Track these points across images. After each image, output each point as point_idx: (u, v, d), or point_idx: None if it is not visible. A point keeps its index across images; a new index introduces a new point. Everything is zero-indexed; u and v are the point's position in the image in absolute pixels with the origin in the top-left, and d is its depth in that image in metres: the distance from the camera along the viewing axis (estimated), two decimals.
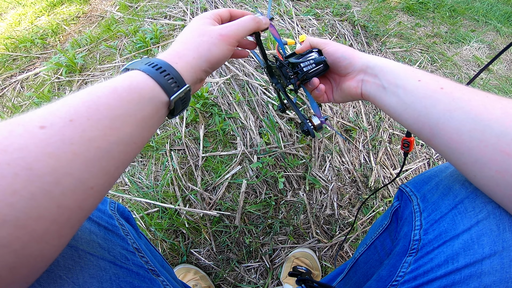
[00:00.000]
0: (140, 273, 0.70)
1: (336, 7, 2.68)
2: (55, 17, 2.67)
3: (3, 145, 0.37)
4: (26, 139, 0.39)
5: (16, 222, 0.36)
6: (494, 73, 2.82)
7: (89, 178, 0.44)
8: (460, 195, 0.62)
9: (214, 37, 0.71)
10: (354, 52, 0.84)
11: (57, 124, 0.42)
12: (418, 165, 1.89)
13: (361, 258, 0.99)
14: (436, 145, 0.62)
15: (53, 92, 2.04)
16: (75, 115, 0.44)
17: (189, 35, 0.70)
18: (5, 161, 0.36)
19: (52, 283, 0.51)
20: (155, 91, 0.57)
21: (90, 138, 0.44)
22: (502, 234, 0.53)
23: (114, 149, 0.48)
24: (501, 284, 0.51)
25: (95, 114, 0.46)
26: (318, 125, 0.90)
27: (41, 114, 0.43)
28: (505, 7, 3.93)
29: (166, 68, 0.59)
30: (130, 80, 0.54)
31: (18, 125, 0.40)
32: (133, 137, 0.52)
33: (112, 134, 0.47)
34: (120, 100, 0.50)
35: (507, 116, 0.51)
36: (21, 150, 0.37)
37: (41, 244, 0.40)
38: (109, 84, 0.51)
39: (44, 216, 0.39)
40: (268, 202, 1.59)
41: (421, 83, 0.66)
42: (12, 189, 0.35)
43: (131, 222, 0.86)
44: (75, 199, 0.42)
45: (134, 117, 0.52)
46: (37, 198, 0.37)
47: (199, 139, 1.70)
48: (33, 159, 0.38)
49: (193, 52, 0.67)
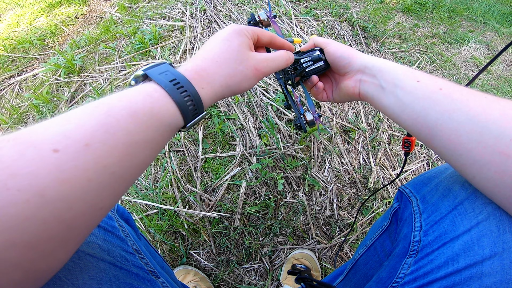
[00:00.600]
0: (140, 275, 0.70)
1: (335, 8, 2.68)
2: (54, 18, 2.67)
3: (13, 169, 0.35)
4: (37, 164, 0.37)
5: (27, 244, 0.36)
6: (493, 73, 2.83)
7: (100, 201, 0.44)
8: (460, 196, 0.62)
9: (249, 70, 0.67)
10: (353, 52, 0.85)
11: (72, 148, 0.40)
12: (417, 166, 1.89)
13: (361, 259, 0.98)
14: (435, 146, 0.62)
15: (51, 93, 2.04)
16: (91, 140, 0.42)
17: (225, 55, 0.64)
18: (15, 187, 0.34)
19: (52, 284, 0.51)
20: (174, 116, 0.54)
21: (105, 164, 0.43)
22: (502, 235, 0.53)
23: (127, 173, 0.47)
24: (502, 285, 0.51)
25: (112, 139, 0.44)
26: (311, 121, 0.92)
27: (54, 135, 0.40)
28: (503, 7, 3.93)
29: (191, 93, 0.55)
30: (152, 103, 0.50)
31: (29, 147, 0.38)
32: (145, 161, 0.50)
33: (127, 160, 0.46)
34: (140, 125, 0.47)
35: (505, 117, 0.51)
36: (32, 175, 0.36)
37: (49, 260, 0.40)
38: (129, 106, 0.48)
39: (53, 237, 0.38)
40: (267, 204, 1.59)
41: (420, 84, 0.66)
42: (24, 215, 0.35)
43: (130, 223, 0.86)
44: (84, 221, 0.42)
45: (150, 142, 0.50)
46: (48, 222, 0.37)
47: (198, 141, 1.70)
48: (45, 185, 0.36)
49: (224, 80, 0.63)
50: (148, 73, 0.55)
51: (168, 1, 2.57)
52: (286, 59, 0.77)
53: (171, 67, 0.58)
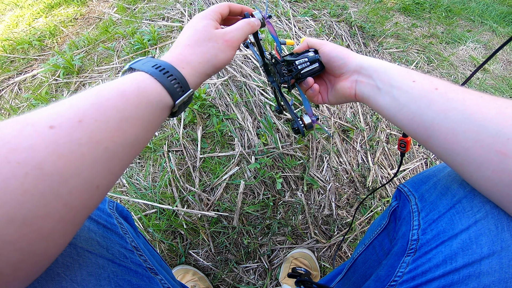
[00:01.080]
0: (138, 271, 0.70)
1: (333, 8, 2.69)
2: (53, 19, 2.67)
3: (13, 144, 0.37)
4: (35, 139, 0.39)
5: (24, 220, 0.36)
6: (491, 73, 2.83)
7: (96, 178, 0.45)
8: (458, 194, 0.62)
9: (220, 43, 0.72)
10: (348, 52, 0.85)
11: (66, 125, 0.42)
12: (415, 165, 1.90)
13: (360, 258, 0.99)
14: (431, 146, 0.62)
15: (50, 94, 2.04)
16: (83, 117, 0.44)
17: (195, 38, 0.70)
18: (15, 160, 0.36)
19: (50, 280, 0.51)
20: (161, 95, 0.57)
21: (98, 139, 0.44)
22: (501, 234, 0.53)
23: (120, 150, 0.48)
24: (500, 284, 0.51)
25: (103, 116, 0.46)
26: (309, 124, 0.91)
27: (49, 114, 0.43)
28: (501, 7, 3.94)
29: (173, 73, 0.60)
30: (138, 84, 0.54)
31: (27, 125, 0.40)
32: (138, 139, 0.52)
33: (119, 136, 0.48)
34: (128, 103, 0.50)
35: (502, 116, 0.51)
36: (31, 149, 0.38)
37: (46, 242, 0.40)
38: (117, 87, 0.52)
39: (51, 214, 0.39)
40: (266, 203, 1.59)
41: (416, 84, 0.66)
42: (23, 188, 0.36)
43: (129, 221, 0.86)
44: (81, 198, 0.43)
45: (141, 120, 0.52)
46: (45, 197, 0.38)
47: (197, 140, 1.70)
48: (42, 158, 0.38)
49: (200, 58, 0.68)
50: (133, 66, 0.61)
51: (167, 2, 2.58)
52: (248, 23, 0.81)
53: (152, 58, 0.63)
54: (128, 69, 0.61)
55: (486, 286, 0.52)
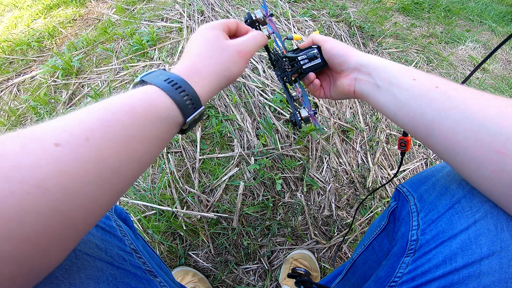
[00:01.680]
0: (137, 274, 0.69)
1: (332, 8, 2.69)
2: (52, 20, 2.67)
3: (15, 161, 0.36)
4: (39, 156, 0.38)
5: (23, 237, 0.35)
6: (490, 72, 2.83)
7: (99, 196, 0.44)
8: (457, 194, 0.62)
9: (233, 54, 0.71)
10: (349, 50, 0.85)
11: (72, 143, 0.41)
12: (415, 165, 1.89)
13: (359, 259, 0.98)
14: (431, 144, 0.62)
15: (49, 95, 2.04)
16: (90, 134, 0.43)
17: (206, 48, 0.69)
18: (16, 179, 0.35)
19: (49, 283, 0.50)
20: (172, 111, 0.56)
21: (104, 157, 0.44)
22: (500, 234, 0.53)
23: (125, 167, 0.47)
24: (500, 284, 0.51)
25: (110, 133, 0.45)
26: (306, 117, 0.94)
27: (55, 130, 0.41)
28: (500, 6, 3.95)
29: (185, 88, 0.58)
30: (148, 98, 0.53)
31: (31, 140, 0.39)
32: (144, 156, 0.51)
33: (124, 153, 0.47)
34: (137, 119, 0.49)
35: (502, 115, 0.51)
36: (33, 167, 0.37)
37: (44, 257, 0.39)
38: (126, 101, 0.50)
39: (51, 231, 0.38)
40: (265, 204, 1.58)
41: (416, 82, 0.66)
42: (22, 207, 0.35)
43: (128, 223, 0.86)
44: (82, 216, 0.42)
45: (148, 136, 0.51)
46: (46, 215, 0.37)
47: (196, 142, 1.69)
48: (44, 176, 0.37)
49: (213, 70, 0.67)
50: (145, 78, 0.58)
51: (165, 3, 2.57)
52: (261, 35, 0.82)
53: (165, 71, 0.61)
54: (140, 82, 0.59)
55: (486, 286, 0.52)
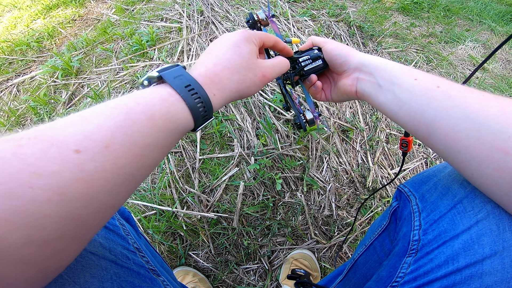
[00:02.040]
0: (141, 273, 0.70)
1: (332, 8, 2.69)
2: (51, 20, 2.66)
3: (37, 167, 0.36)
4: (60, 163, 0.38)
5: (43, 242, 0.36)
6: (490, 72, 2.83)
7: (114, 200, 0.45)
8: (459, 194, 0.62)
9: (258, 77, 0.70)
10: (350, 50, 0.85)
11: (93, 150, 0.41)
12: (415, 165, 1.89)
13: (360, 259, 0.98)
14: (432, 143, 0.62)
15: (49, 95, 2.04)
16: (110, 141, 0.43)
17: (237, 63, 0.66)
18: (38, 186, 0.35)
19: (53, 283, 0.50)
20: (187, 121, 0.56)
21: (121, 165, 0.44)
22: (502, 234, 0.53)
23: (138, 173, 0.48)
24: (503, 285, 0.51)
25: (129, 141, 0.46)
26: (311, 120, 0.93)
27: (76, 135, 0.41)
28: (499, 6, 3.95)
29: (204, 100, 0.58)
30: (168, 108, 0.53)
31: (52, 146, 0.39)
32: (156, 162, 0.52)
33: (140, 161, 0.47)
34: (155, 129, 0.50)
35: (503, 114, 0.51)
36: (55, 175, 0.37)
37: (59, 258, 0.41)
38: (146, 108, 0.50)
39: (67, 236, 0.39)
40: (265, 204, 1.58)
41: (417, 82, 0.66)
42: (44, 213, 0.35)
43: (131, 222, 0.86)
44: (97, 219, 0.43)
45: (163, 145, 0.52)
46: (65, 220, 0.38)
47: (196, 142, 1.69)
48: (65, 184, 0.37)
49: (234, 86, 0.66)
50: (163, 75, 0.57)
51: (165, 3, 2.57)
52: (287, 65, 0.81)
53: (185, 71, 0.60)
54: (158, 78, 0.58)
55: (489, 287, 0.52)
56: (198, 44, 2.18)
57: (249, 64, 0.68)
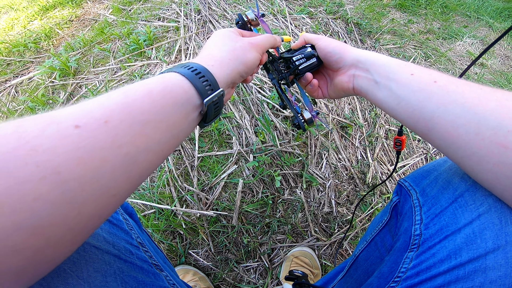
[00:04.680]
0: (144, 268, 0.69)
1: (329, 5, 2.69)
2: (48, 21, 2.66)
3: (33, 144, 0.35)
4: (57, 140, 0.37)
5: (34, 229, 0.34)
6: (489, 67, 2.83)
7: (113, 186, 0.43)
8: (460, 188, 0.61)
9: (246, 44, 0.74)
10: (345, 46, 0.85)
11: (92, 125, 0.40)
12: (415, 160, 1.89)
13: (361, 255, 0.98)
14: (432, 139, 0.62)
15: (47, 96, 2.03)
16: (110, 117, 0.43)
17: (221, 40, 0.73)
18: (34, 162, 0.34)
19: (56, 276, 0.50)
20: (189, 94, 0.56)
21: (121, 144, 0.43)
22: (505, 227, 0.52)
23: (141, 156, 0.46)
24: (507, 279, 0.51)
25: (128, 117, 0.45)
26: (309, 119, 0.93)
27: (76, 112, 0.41)
28: (497, 2, 3.95)
29: (201, 70, 0.59)
30: (165, 82, 0.54)
31: (51, 123, 0.38)
32: (161, 145, 0.50)
33: (141, 141, 0.46)
34: (154, 104, 0.49)
35: (502, 108, 0.51)
36: (51, 151, 0.36)
37: (53, 250, 0.38)
38: (144, 86, 0.50)
39: (62, 223, 0.37)
40: (265, 201, 1.58)
41: (414, 77, 0.66)
42: (37, 193, 0.34)
43: (134, 217, 0.85)
44: (95, 207, 0.41)
45: (166, 122, 0.51)
46: (59, 204, 0.36)
47: (194, 140, 1.69)
48: (61, 162, 0.36)
49: (229, 54, 0.69)
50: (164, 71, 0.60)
51: (162, 2, 2.57)
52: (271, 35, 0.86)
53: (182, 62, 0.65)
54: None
55: (493, 281, 0.51)
56: (196, 43, 2.18)
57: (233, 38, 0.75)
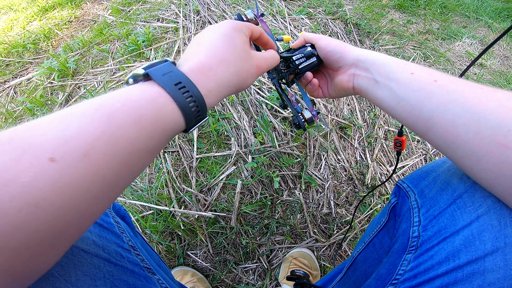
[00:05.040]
0: (135, 271, 0.69)
1: (329, 6, 2.69)
2: (47, 22, 2.67)
3: (7, 176, 0.34)
4: (33, 173, 0.35)
5: (15, 250, 0.34)
6: (488, 68, 2.83)
7: (95, 209, 0.42)
8: (458, 189, 0.61)
9: (253, 68, 0.67)
10: (345, 46, 0.84)
11: (70, 158, 0.37)
12: (414, 161, 1.89)
13: (360, 257, 0.97)
14: (431, 138, 0.62)
15: (46, 96, 2.03)
16: (91, 150, 0.39)
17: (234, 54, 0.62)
18: (9, 195, 0.33)
19: (44, 280, 0.49)
20: (178, 123, 0.51)
21: (104, 174, 0.41)
22: (504, 229, 0.52)
23: (123, 182, 0.45)
24: (506, 281, 0.50)
25: (113, 149, 0.41)
26: (309, 119, 0.91)
27: (51, 143, 0.37)
28: (496, 3, 3.96)
29: (197, 99, 0.52)
30: (157, 110, 0.47)
31: (24, 153, 0.35)
32: (142, 168, 0.48)
33: (125, 169, 0.44)
34: (143, 134, 0.45)
35: (502, 107, 0.50)
36: (27, 184, 0.34)
37: (35, 265, 0.39)
38: (133, 112, 0.44)
39: (44, 243, 0.37)
40: (264, 202, 1.58)
41: (414, 76, 0.65)
42: (15, 224, 0.33)
43: (126, 220, 0.84)
44: (76, 228, 0.41)
45: (152, 150, 0.48)
46: (40, 230, 0.35)
47: (193, 141, 1.69)
48: (39, 195, 0.35)
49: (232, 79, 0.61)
50: (150, 73, 0.51)
51: (161, 3, 2.57)
52: (277, 59, 0.80)
53: (174, 67, 0.55)
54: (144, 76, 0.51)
55: (492, 284, 0.51)
56: None
57: (244, 55, 0.65)
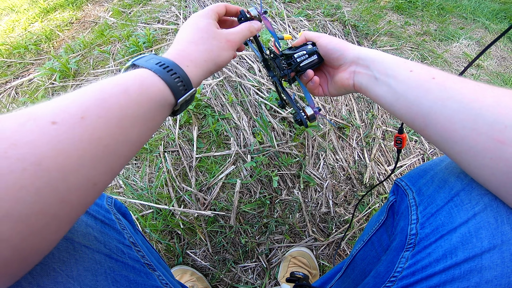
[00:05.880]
0: (136, 267, 0.70)
1: (327, 8, 2.70)
2: (49, 23, 2.68)
3: (13, 139, 0.37)
4: (36, 134, 0.38)
5: (19, 217, 0.36)
6: (485, 69, 2.84)
7: (94, 175, 0.45)
8: (455, 187, 0.61)
9: (223, 42, 0.74)
10: (346, 44, 0.86)
11: (68, 121, 0.42)
12: (412, 161, 1.90)
13: (358, 255, 0.98)
14: (429, 135, 0.62)
15: (47, 97, 2.04)
16: (86, 113, 0.44)
17: (199, 36, 0.72)
18: (14, 156, 0.36)
19: (46, 275, 0.50)
20: (164, 93, 0.57)
21: (99, 136, 0.44)
22: (501, 227, 0.52)
23: (120, 148, 0.49)
24: (503, 279, 0.50)
25: (106, 113, 0.46)
26: (311, 115, 0.92)
27: (52, 109, 0.42)
28: (493, 4, 3.96)
29: (177, 71, 0.60)
30: (141, 81, 0.54)
31: (29, 119, 0.39)
32: (139, 137, 0.53)
33: (120, 133, 0.48)
34: (131, 101, 0.50)
35: (498, 104, 0.51)
36: (31, 145, 0.37)
37: (38, 238, 0.40)
38: (120, 83, 0.51)
39: (46, 211, 0.38)
40: (263, 201, 1.59)
41: (413, 73, 0.66)
42: (20, 184, 0.35)
43: (128, 218, 0.86)
44: (78, 195, 0.42)
45: (142, 118, 0.52)
46: (42, 193, 0.37)
47: (192, 140, 1.70)
48: (42, 155, 0.38)
49: (204, 56, 0.69)
50: (136, 62, 0.60)
51: (162, 5, 2.59)
52: (248, 28, 0.84)
53: (156, 55, 0.63)
54: (131, 65, 0.61)
55: (489, 281, 0.51)
56: None
57: (210, 34, 0.73)
